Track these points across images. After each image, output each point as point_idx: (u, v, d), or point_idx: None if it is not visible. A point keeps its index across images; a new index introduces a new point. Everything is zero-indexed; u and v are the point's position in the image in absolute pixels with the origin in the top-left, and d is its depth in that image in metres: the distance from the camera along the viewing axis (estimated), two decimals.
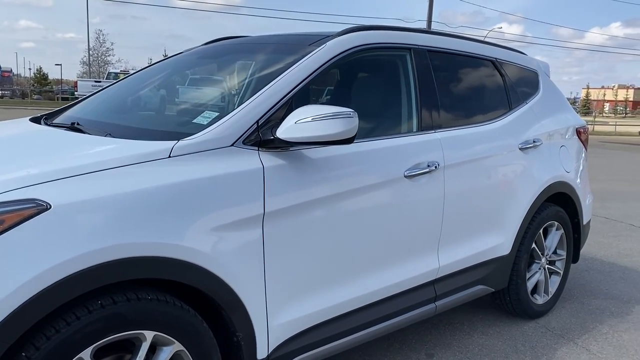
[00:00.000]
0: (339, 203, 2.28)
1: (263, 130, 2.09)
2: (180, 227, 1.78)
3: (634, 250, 5.47)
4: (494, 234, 3.13)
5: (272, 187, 2.04)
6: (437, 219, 2.74)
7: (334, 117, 2.02)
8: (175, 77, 2.91)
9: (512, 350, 3.14)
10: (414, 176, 2.58)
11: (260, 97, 2.15)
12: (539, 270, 3.57)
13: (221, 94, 2.63)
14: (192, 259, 1.80)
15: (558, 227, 3.64)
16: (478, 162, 2.96)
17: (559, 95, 3.88)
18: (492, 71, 3.33)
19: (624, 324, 3.58)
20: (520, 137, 3.27)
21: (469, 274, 3.02)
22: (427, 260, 2.76)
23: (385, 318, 2.60)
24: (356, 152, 2.38)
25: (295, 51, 2.48)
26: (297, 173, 2.13)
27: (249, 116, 2.08)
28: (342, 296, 2.37)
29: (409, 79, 2.79)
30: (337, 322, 2.39)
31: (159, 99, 2.77)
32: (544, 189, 3.38)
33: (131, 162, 1.79)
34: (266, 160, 2.06)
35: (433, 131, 2.77)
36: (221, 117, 2.09)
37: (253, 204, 1.97)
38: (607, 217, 7.10)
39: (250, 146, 2.06)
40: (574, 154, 3.76)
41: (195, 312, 1.88)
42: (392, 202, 2.51)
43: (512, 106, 3.35)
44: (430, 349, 3.13)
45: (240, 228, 1.94)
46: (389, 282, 2.56)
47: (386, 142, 2.55)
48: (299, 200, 2.12)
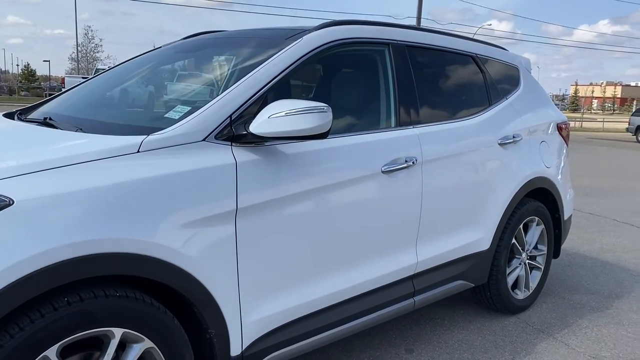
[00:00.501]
0: (315, 199, 2.27)
1: (236, 125, 2.07)
2: (149, 223, 1.76)
3: (617, 245, 5.51)
4: (473, 229, 3.14)
5: (245, 182, 2.02)
6: (415, 215, 2.73)
7: (307, 111, 2.01)
8: (151, 71, 2.87)
9: (492, 346, 3.15)
10: (391, 172, 2.57)
11: (234, 91, 2.13)
12: (519, 265, 3.58)
13: (195, 88, 2.61)
14: (161, 256, 1.77)
15: (538, 222, 3.65)
16: (456, 157, 2.95)
17: (540, 91, 3.89)
18: (472, 67, 3.32)
19: (604, 318, 3.60)
20: (500, 132, 3.27)
21: (448, 269, 3.02)
22: (405, 256, 2.75)
23: (363, 314, 2.59)
24: (332, 148, 2.37)
25: (272, 45, 2.45)
26: (271, 168, 2.11)
27: (221, 111, 2.06)
28: (318, 292, 2.36)
29: (387, 75, 2.77)
30: (314, 318, 2.38)
31: (134, 94, 2.74)
32: (524, 185, 3.39)
33: (99, 157, 1.77)
34: (239, 156, 2.04)
35: (411, 127, 2.76)
36: (193, 111, 2.06)
37: (225, 200, 1.95)
38: (591, 212, 7.15)
39: (223, 141, 2.04)
40: (555, 150, 3.77)
41: (166, 309, 1.86)
42: (369, 197, 2.50)
43: (492, 102, 3.35)
44: (410, 344, 3.13)
45: (212, 224, 1.92)
46: (366, 278, 2.55)
47: (363, 137, 2.53)
48: (273, 196, 2.11)
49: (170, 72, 2.82)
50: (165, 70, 2.88)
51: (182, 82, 2.68)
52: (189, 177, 1.88)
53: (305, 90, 2.70)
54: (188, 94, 2.55)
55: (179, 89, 2.64)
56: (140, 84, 2.80)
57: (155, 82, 2.80)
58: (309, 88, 2.76)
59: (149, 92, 2.73)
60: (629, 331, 3.41)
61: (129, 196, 1.74)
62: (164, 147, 1.90)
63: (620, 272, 4.60)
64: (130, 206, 1.73)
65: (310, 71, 2.70)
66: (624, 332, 3.39)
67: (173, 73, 2.79)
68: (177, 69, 2.82)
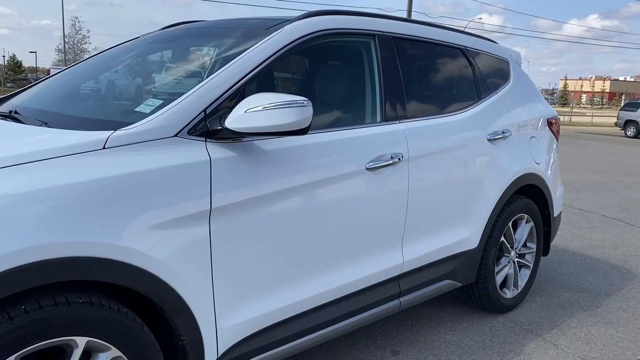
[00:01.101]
0: (295, 198, 2.16)
1: (211, 120, 1.96)
2: (114, 224, 1.64)
3: (606, 241, 5.46)
4: (461, 228, 3.05)
5: (220, 181, 1.91)
6: (401, 213, 2.64)
7: (286, 106, 1.90)
8: (126, 63, 2.74)
9: (480, 347, 3.07)
10: (376, 168, 2.47)
11: (209, 83, 2.01)
12: (508, 263, 3.50)
13: (169, 80, 2.48)
14: (127, 259, 1.66)
15: (528, 219, 3.57)
16: (444, 153, 2.86)
17: (530, 85, 3.80)
18: (460, 60, 3.23)
19: (593, 317, 3.53)
20: (489, 127, 3.18)
21: (434, 268, 2.93)
22: (391, 256, 2.66)
23: (347, 316, 2.50)
24: (315, 144, 2.26)
25: (252, 36, 2.34)
26: (248, 166, 2.00)
27: (195, 104, 1.94)
28: (299, 295, 2.26)
29: (373, 67, 2.67)
30: (295, 322, 2.28)
31: (106, 87, 2.62)
32: (513, 181, 3.30)
33: (60, 154, 1.65)
34: (214, 152, 1.92)
35: (397, 122, 2.66)
36: (165, 105, 1.94)
37: (198, 200, 1.84)
38: (581, 208, 7.12)
39: (197, 137, 1.92)
40: (545, 145, 3.69)
41: (135, 316, 1.75)
42: (352, 196, 2.39)
43: (481, 96, 3.26)
44: (396, 345, 3.04)
45: (184, 225, 1.81)
46: (349, 279, 2.45)
47: (347, 132, 2.43)
48: (251, 195, 2.00)
49: (146, 63, 2.68)
50: (140, 61, 2.74)
51: (156, 74, 2.55)
52: (159, 175, 1.76)
53: (286, 84, 2.59)
54: (161, 87, 2.43)
55: (153, 82, 2.51)
56: (114, 76, 2.67)
57: (129, 74, 2.67)
58: (290, 81, 2.64)
59: (122, 84, 2.60)
60: (618, 330, 3.34)
61: (92, 196, 1.62)
62: (132, 143, 1.78)
63: (610, 269, 4.54)
64: (93, 207, 1.61)
65: (292, 63, 2.59)
66: (613, 332, 3.32)
67: (148, 65, 2.66)
68: (153, 61, 2.69)
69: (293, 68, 2.62)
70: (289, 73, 2.64)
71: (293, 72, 2.64)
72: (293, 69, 2.62)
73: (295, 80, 2.64)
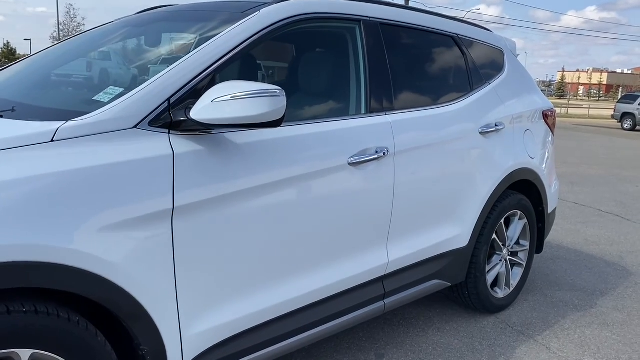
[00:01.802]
0: (269, 195, 2.00)
1: (176, 111, 1.79)
2: (62, 225, 1.49)
3: (601, 237, 5.32)
4: (450, 225, 2.90)
5: (185, 177, 1.75)
6: (386, 211, 2.49)
7: (257, 95, 1.73)
8: (95, 49, 2.57)
9: (469, 349, 2.93)
10: (359, 163, 2.31)
11: (174, 70, 1.85)
12: (499, 262, 3.36)
13: (135, 67, 2.32)
14: (77, 264, 1.51)
15: (521, 216, 3.43)
16: (433, 147, 2.70)
17: (526, 76, 3.65)
18: (452, 48, 3.06)
19: (587, 318, 3.40)
20: (481, 120, 3.02)
21: (422, 268, 2.79)
22: (375, 255, 2.51)
23: (327, 320, 2.35)
24: (293, 137, 2.11)
25: (226, 20, 2.17)
26: (217, 161, 1.84)
27: (158, 93, 1.78)
28: (273, 299, 2.11)
29: (358, 55, 2.50)
30: (269, 328, 2.13)
31: (71, 74, 2.44)
32: (506, 177, 3.15)
33: (1, 148, 1.48)
34: (178, 146, 1.76)
35: (383, 113, 2.50)
36: (126, 93, 1.78)
37: (159, 198, 1.68)
38: (576, 202, 6.99)
39: (159, 128, 1.76)
40: (540, 139, 3.54)
41: (88, 324, 1.60)
42: (333, 192, 2.24)
43: (474, 87, 3.10)
44: (381, 348, 2.90)
45: (143, 226, 1.65)
46: (329, 281, 2.31)
47: (329, 125, 2.27)
48: (219, 192, 1.84)
49: (115, 50, 2.51)
50: (110, 47, 2.57)
51: (123, 60, 2.38)
52: (112, 171, 1.60)
53: (262, 72, 2.41)
54: (125, 74, 2.26)
55: (118, 69, 2.34)
56: (80, 62, 2.50)
57: (96, 61, 2.49)
58: (267, 69, 2.47)
59: (87, 71, 2.43)
60: (613, 332, 3.21)
61: (37, 194, 1.46)
62: (85, 135, 1.62)
63: (605, 267, 4.41)
64: (38, 206, 1.45)
65: (269, 50, 2.41)
66: (608, 334, 3.19)
67: (117, 51, 2.49)
68: (122, 47, 2.52)
69: (270, 55, 2.46)
70: (266, 60, 2.47)
71: (270, 59, 2.47)
72: (270, 55, 2.46)
73: (273, 68, 2.48)
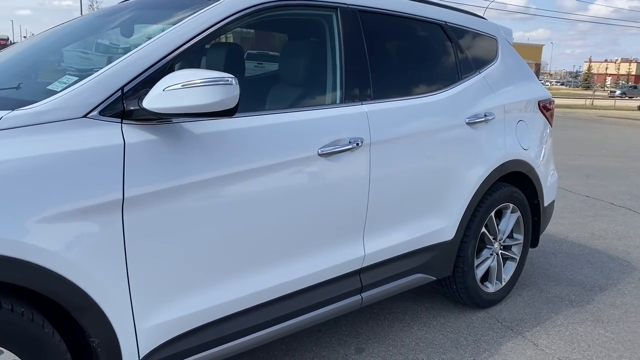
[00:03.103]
0: (231, 187, 1.96)
1: (130, 100, 1.76)
2: (3, 215, 1.47)
3: (609, 231, 5.17)
4: (435, 218, 2.83)
5: (136, 167, 1.72)
6: (361, 203, 2.43)
7: (209, 83, 1.69)
8: (68, 39, 2.55)
9: (453, 345, 2.86)
10: (331, 154, 2.26)
11: (130, 58, 1.82)
12: (490, 256, 3.27)
13: (98, 56, 2.29)
14: (19, 255, 1.49)
15: (514, 209, 3.33)
16: (414, 138, 2.63)
17: (521, 65, 3.53)
18: (439, 37, 2.97)
19: (582, 314, 3.30)
20: (469, 110, 2.93)
21: (403, 261, 2.73)
22: (350, 248, 2.46)
23: (299, 313, 2.31)
24: (260, 127, 2.06)
25: (191, 5, 2.13)
26: (173, 151, 1.81)
27: (110, 82, 1.75)
28: (238, 292, 2.08)
29: (334, 44, 2.44)
30: (234, 320, 2.10)
31: (39, 63, 2.43)
32: (496, 168, 3.06)
33: None
34: (131, 135, 1.73)
35: (359, 103, 2.44)
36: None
37: (107, 189, 1.66)
38: (588, 195, 6.81)
39: (111, 118, 1.73)
40: (535, 130, 3.43)
41: (34, 315, 1.59)
42: (301, 184, 2.19)
43: (462, 76, 3.00)
44: (362, 342, 2.85)
45: (90, 217, 1.63)
46: (299, 274, 2.26)
47: (299, 115, 2.22)
48: (175, 183, 1.81)
49: (86, 40, 2.49)
50: (81, 38, 2.55)
51: (89, 50, 2.36)
52: (59, 160, 1.58)
53: (230, 61, 2.37)
54: (87, 64, 2.24)
55: (80, 58, 2.32)
56: (49, 52, 2.49)
57: (66, 51, 2.47)
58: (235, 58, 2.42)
59: (53, 61, 2.41)
60: (607, 329, 3.11)
61: None
62: (30, 124, 1.59)
63: (609, 262, 4.28)
64: None
65: (237, 38, 2.37)
66: (601, 331, 3.09)
67: (87, 41, 2.46)
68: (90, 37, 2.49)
69: (239, 43, 2.41)
70: (235, 49, 2.42)
71: (240, 47, 2.42)
72: (239, 44, 2.41)
73: (241, 57, 2.43)
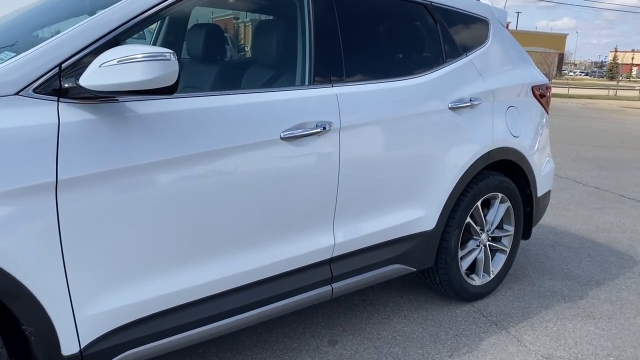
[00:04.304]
0: (179, 171, 1.87)
1: (67, 77, 1.68)
2: None
3: (614, 224, 4.98)
4: (413, 207, 2.71)
5: (72, 148, 1.63)
6: (329, 190, 2.32)
7: (145, 59, 1.59)
8: (34, 15, 2.47)
9: (431, 339, 2.75)
10: (295, 138, 2.15)
11: (70, 33, 1.72)
12: (477, 247, 3.14)
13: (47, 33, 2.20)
14: None
15: (503, 199, 3.19)
16: (390, 123, 2.51)
17: (515, 48, 3.37)
18: (422, 17, 2.83)
19: (573, 309, 3.16)
20: (452, 94, 2.80)
21: (379, 251, 2.62)
22: (318, 237, 2.35)
23: (261, 303, 2.23)
24: (213, 108, 1.96)
25: None
26: (115, 131, 1.72)
27: (46, 57, 1.66)
28: (192, 280, 1.99)
29: (304, 23, 2.32)
30: (193, 309, 2.02)
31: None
32: (482, 156, 2.93)
33: None
34: (67, 114, 1.65)
35: (329, 85, 2.32)
36: None
37: (39, 170, 1.58)
38: (597, 186, 6.60)
39: (46, 95, 1.65)
40: (528, 117, 3.27)
41: None
42: (260, 169, 2.08)
43: (446, 59, 2.86)
44: (337, 334, 2.76)
45: (17, 199, 1.55)
46: (261, 263, 2.17)
47: (259, 96, 2.11)
48: (115, 165, 1.72)
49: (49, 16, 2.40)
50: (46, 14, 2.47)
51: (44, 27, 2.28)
52: None
53: (187, 39, 2.26)
54: (33, 40, 2.15)
55: (30, 35, 2.24)
56: (11, 28, 2.41)
57: (25, 28, 2.39)
58: (192, 35, 2.32)
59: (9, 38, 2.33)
60: (597, 326, 2.97)
61: None
62: None
63: (610, 256, 4.11)
64: None
65: (195, 13, 2.26)
66: (591, 327, 2.95)
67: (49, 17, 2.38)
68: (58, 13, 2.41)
69: (196, 19, 2.30)
70: (192, 24, 2.32)
71: (197, 23, 2.31)
72: (196, 20, 2.30)
73: (199, 33, 2.32)
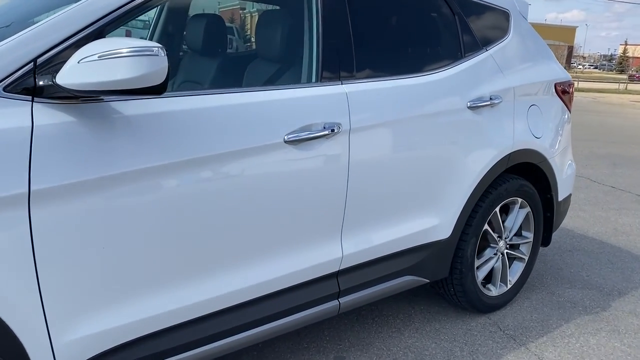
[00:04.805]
0: (172, 179, 1.67)
1: (44, 74, 1.48)
2: None
3: (634, 227, 4.76)
4: (428, 215, 2.50)
5: (47, 154, 1.44)
6: (337, 199, 2.12)
7: (130, 54, 1.40)
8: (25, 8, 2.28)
9: (445, 356, 2.56)
10: (300, 141, 1.95)
11: (46, 24, 1.53)
12: (494, 256, 2.94)
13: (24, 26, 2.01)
14: None
15: (522, 204, 2.98)
16: (403, 124, 2.30)
17: (537, 42, 3.15)
18: (439, 8, 2.61)
19: (596, 323, 2.95)
20: (471, 92, 2.58)
21: (389, 263, 2.42)
22: (325, 249, 2.16)
23: (259, 322, 2.04)
24: (211, 108, 1.77)
25: None
26: (97, 136, 1.53)
27: (20, 52, 1.47)
28: (184, 300, 1.80)
29: (312, 15, 2.12)
30: (186, 329, 1.84)
31: None
32: (502, 159, 2.72)
33: None
34: (42, 116, 1.45)
35: (339, 83, 2.12)
36: None
37: (8, 179, 1.38)
38: (614, 186, 6.36)
39: (18, 95, 1.45)
40: (550, 116, 3.06)
41: None
42: (261, 176, 1.88)
43: (465, 53, 2.65)
44: (344, 350, 2.57)
45: None
46: (260, 280, 1.98)
47: (260, 95, 1.91)
48: (96, 174, 1.52)
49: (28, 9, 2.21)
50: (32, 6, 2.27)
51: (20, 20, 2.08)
52: None
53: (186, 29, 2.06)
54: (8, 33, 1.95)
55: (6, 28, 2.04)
56: None
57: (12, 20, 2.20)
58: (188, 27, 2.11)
59: None
60: (623, 342, 2.76)
61: None
62: None
63: (632, 262, 3.90)
64: None
65: (200, 3, 2.06)
66: (617, 344, 2.75)
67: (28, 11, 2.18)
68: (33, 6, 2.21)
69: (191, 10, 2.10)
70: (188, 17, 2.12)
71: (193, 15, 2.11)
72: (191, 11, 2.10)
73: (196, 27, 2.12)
